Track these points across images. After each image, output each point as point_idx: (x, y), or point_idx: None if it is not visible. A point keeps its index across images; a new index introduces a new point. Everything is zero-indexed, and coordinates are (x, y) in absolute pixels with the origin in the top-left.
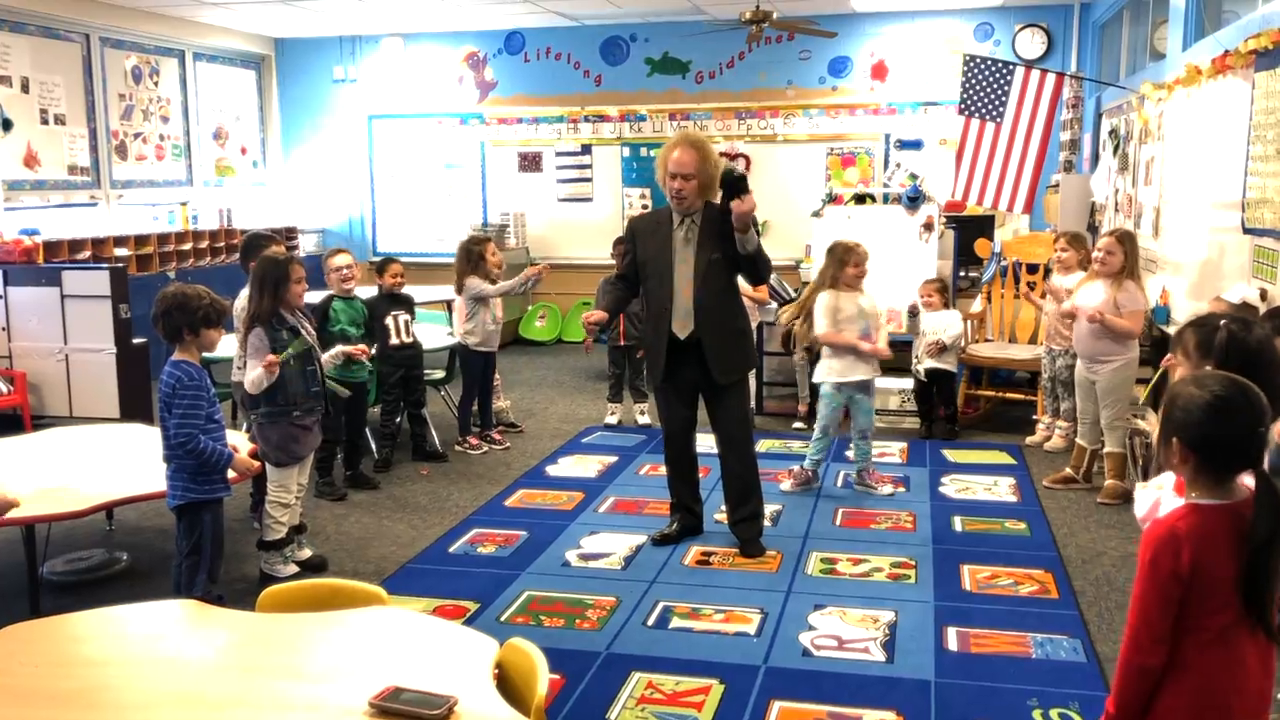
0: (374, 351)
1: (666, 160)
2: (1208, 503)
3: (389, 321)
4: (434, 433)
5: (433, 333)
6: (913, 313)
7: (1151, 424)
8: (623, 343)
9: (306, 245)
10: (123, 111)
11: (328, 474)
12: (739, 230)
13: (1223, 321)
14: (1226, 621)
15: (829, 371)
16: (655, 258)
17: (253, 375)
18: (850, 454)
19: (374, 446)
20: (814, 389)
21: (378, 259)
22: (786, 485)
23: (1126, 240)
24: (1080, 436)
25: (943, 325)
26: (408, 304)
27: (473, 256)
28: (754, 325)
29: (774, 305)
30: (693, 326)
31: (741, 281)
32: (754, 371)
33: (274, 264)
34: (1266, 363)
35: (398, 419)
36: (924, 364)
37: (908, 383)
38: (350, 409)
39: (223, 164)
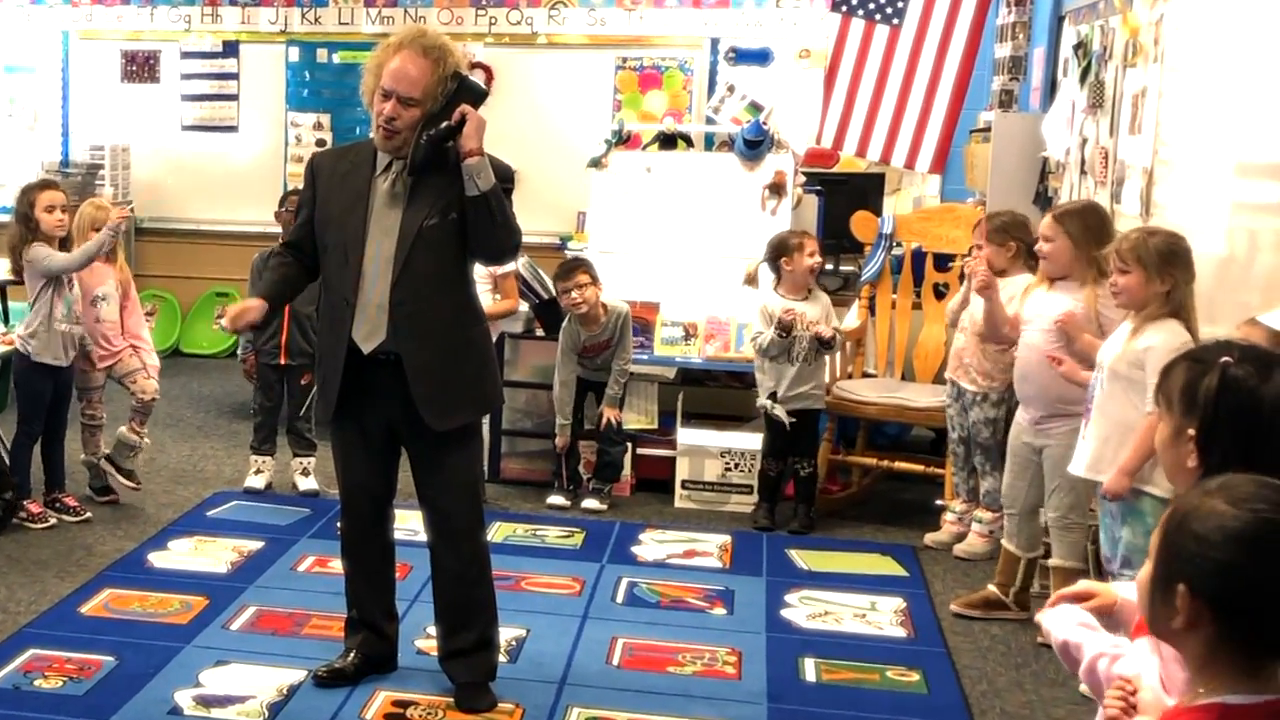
0: None
1: (382, 68)
2: (1242, 702)
3: None
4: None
5: None
6: (784, 329)
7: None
8: (284, 361)
9: None
10: None
11: None
12: (466, 154)
13: (1223, 359)
14: None
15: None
16: (341, 220)
17: None
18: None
19: None
20: (597, 434)
21: None
22: None
23: (1073, 220)
24: (1007, 537)
25: (815, 318)
26: None
27: (21, 215)
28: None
29: (523, 308)
30: (384, 335)
31: (480, 280)
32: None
33: None
34: (1274, 429)
35: None
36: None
37: (741, 439)
38: None
39: None
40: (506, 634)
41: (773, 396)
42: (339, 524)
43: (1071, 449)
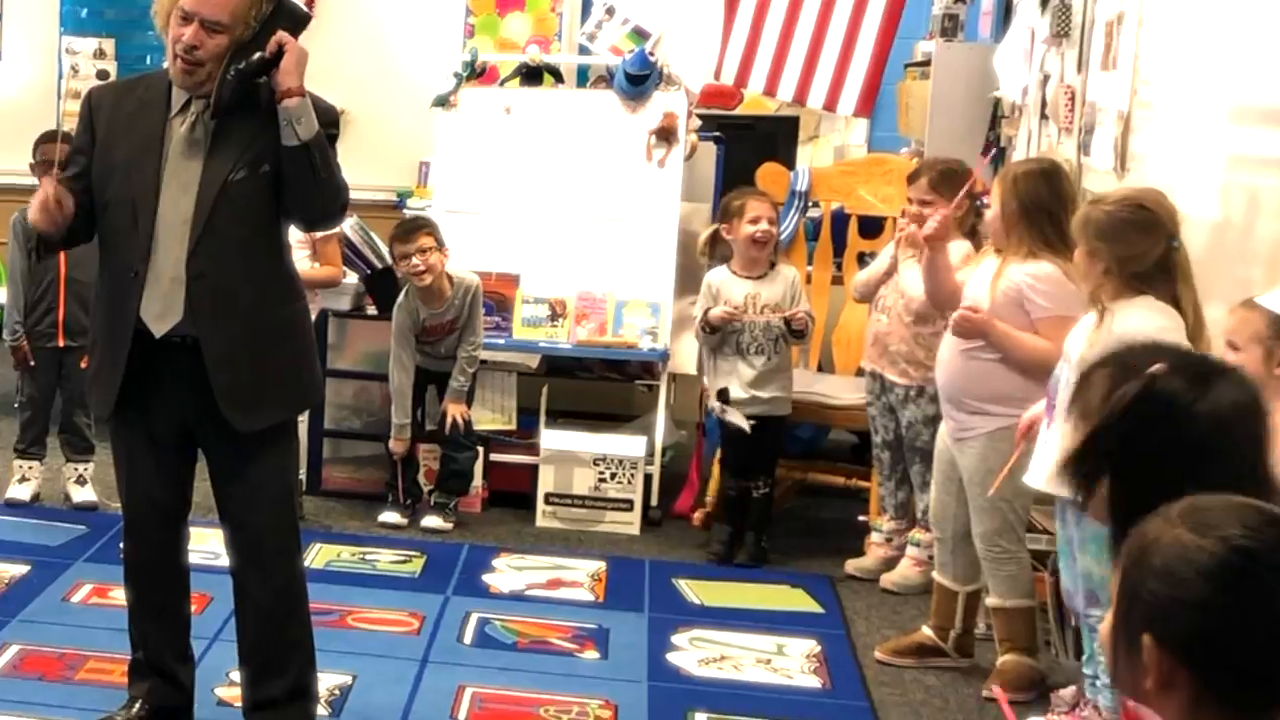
0: None
1: None
2: None
3: None
4: None
5: None
6: (710, 328)
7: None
8: (62, 342)
9: None
10: None
11: None
12: (284, 93)
13: (1155, 367)
14: None
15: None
16: (127, 172)
17: None
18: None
19: None
20: (441, 437)
21: None
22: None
23: (1008, 183)
24: (939, 568)
25: (773, 300)
26: None
27: None
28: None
29: (352, 279)
30: (182, 314)
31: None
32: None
33: None
34: (1211, 454)
35: None
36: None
37: (619, 443)
38: None
39: None
40: (327, 681)
41: (724, 395)
42: (122, 545)
43: (988, 460)
